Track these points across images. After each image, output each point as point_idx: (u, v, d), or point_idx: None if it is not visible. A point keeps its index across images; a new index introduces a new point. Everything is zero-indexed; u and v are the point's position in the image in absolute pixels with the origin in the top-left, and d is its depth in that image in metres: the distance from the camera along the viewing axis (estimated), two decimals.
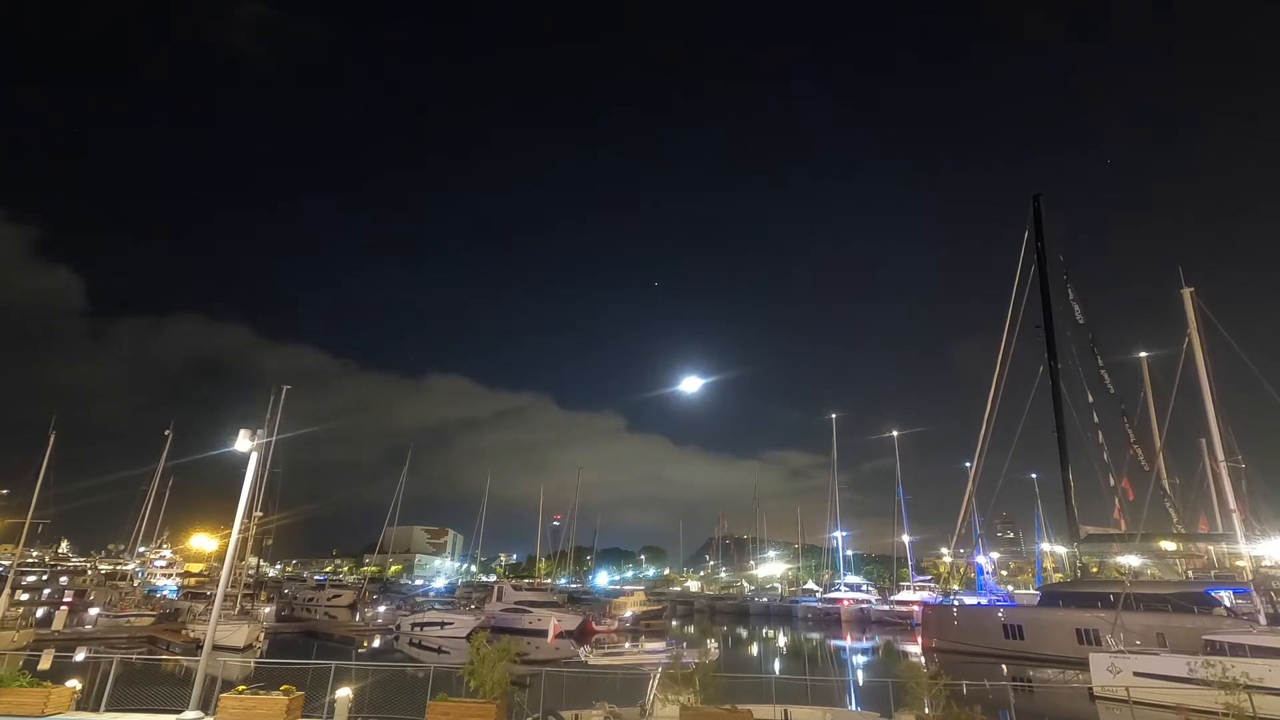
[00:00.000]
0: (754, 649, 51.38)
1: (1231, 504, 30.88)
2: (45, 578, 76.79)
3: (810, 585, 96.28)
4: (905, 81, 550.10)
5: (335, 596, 75.96)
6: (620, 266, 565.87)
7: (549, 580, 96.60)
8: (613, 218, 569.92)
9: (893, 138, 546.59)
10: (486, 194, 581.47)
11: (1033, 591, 70.51)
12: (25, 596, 64.04)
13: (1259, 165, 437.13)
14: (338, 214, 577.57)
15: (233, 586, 45.78)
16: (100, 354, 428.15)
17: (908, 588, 76.63)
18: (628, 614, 57.72)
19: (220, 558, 76.77)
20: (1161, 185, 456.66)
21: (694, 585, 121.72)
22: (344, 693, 14.69)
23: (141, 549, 71.51)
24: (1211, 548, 45.39)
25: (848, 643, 53.60)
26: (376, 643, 46.48)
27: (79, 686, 15.89)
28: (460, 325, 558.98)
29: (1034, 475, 75.35)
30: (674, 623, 65.84)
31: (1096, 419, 44.27)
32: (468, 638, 37.14)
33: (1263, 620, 27.21)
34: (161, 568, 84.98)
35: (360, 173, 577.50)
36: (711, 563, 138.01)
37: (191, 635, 39.12)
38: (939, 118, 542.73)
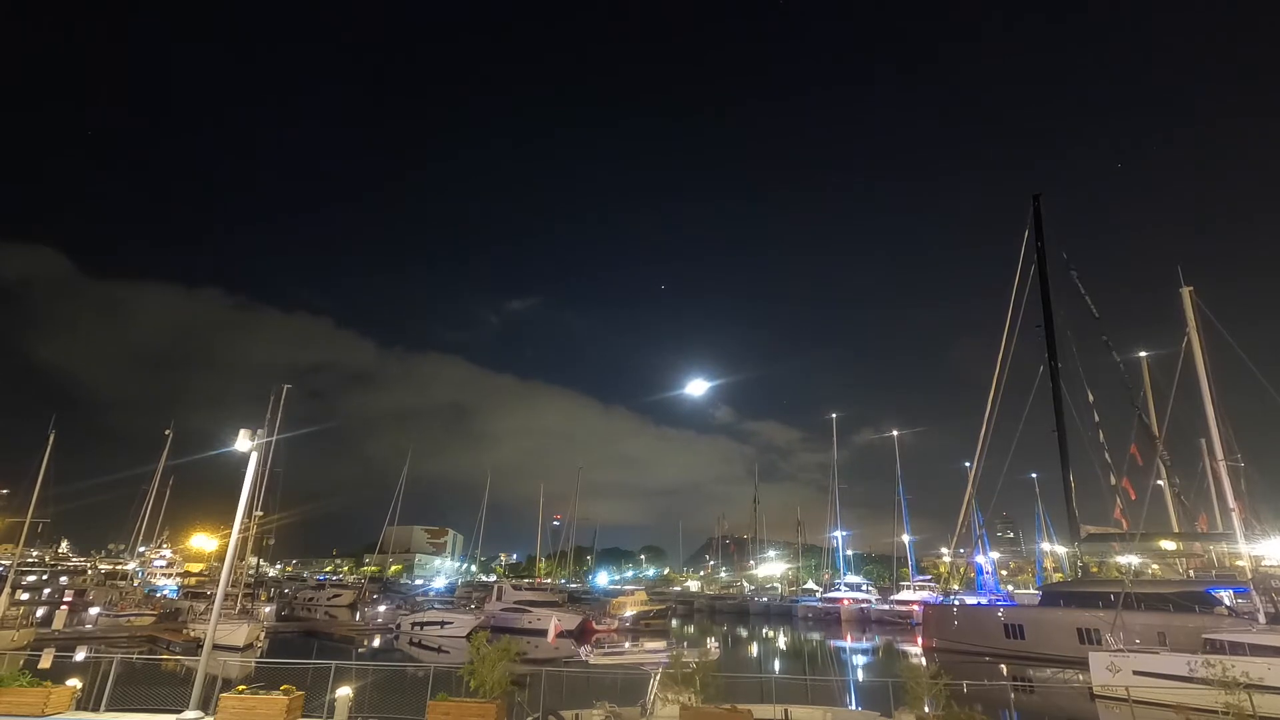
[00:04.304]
0: (754, 649, 51.34)
1: (1231, 503, 30.84)
2: (45, 577, 77.03)
3: (810, 585, 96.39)
4: (906, 82, 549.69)
5: (335, 596, 75.95)
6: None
7: (549, 580, 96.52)
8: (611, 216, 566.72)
9: (893, 138, 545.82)
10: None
11: (1033, 591, 70.60)
12: (25, 596, 64.17)
13: (1260, 165, 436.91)
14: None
15: (233, 586, 45.79)
16: None
17: (908, 587, 76.68)
18: (628, 614, 57.72)
19: (220, 557, 76.80)
20: (1161, 185, 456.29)
21: (694, 585, 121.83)
22: (344, 692, 14.69)
23: (141, 549, 71.45)
24: (1211, 547, 45.38)
25: (848, 643, 53.56)
26: (376, 642, 46.46)
27: (79, 686, 15.88)
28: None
29: (1034, 475, 75.51)
30: (674, 623, 65.83)
31: (1097, 419, 44.31)
32: (468, 637, 37.21)
33: (1262, 619, 27.21)
34: (161, 567, 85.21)
35: (355, 182, 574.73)
36: (711, 562, 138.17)
37: (191, 635, 39.14)
38: (939, 118, 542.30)
